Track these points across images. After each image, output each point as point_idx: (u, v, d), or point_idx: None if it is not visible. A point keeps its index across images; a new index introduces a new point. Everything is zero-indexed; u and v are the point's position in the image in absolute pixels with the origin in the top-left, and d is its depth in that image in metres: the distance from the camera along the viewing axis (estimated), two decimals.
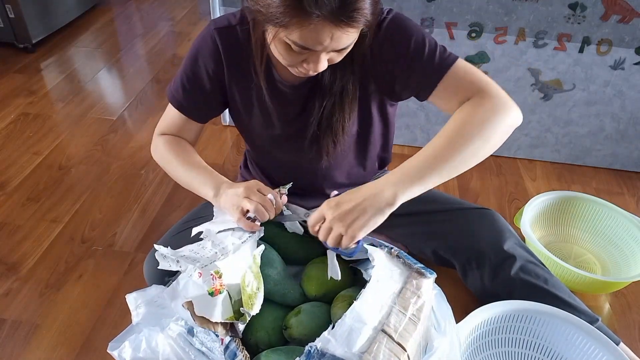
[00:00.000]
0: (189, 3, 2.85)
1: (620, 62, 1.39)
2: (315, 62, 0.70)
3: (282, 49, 0.70)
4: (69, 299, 1.11)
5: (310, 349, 0.59)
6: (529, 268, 0.94)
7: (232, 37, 0.84)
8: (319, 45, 0.66)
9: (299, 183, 1.02)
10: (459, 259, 1.00)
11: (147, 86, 2.02)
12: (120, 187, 1.46)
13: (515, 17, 1.35)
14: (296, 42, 0.66)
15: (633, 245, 1.21)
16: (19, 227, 1.30)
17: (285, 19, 0.63)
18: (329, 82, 0.83)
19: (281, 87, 0.87)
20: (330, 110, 0.85)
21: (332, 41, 0.66)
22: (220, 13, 1.43)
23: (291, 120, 0.91)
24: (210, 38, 0.85)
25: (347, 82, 0.83)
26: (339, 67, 0.81)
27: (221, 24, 0.85)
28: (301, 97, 0.87)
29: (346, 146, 0.94)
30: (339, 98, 0.84)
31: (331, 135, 0.88)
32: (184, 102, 0.92)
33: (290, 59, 0.71)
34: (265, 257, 0.80)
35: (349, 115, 0.86)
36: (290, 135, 0.93)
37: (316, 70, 0.71)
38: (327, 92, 0.84)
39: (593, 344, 0.86)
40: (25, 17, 2.05)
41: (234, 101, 0.92)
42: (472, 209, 1.00)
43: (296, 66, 0.73)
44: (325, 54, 0.70)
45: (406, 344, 0.61)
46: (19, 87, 1.94)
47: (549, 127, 1.56)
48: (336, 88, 0.83)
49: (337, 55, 0.72)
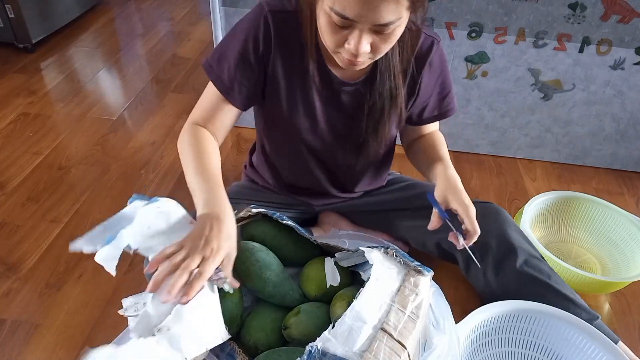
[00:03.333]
0: (189, 3, 2.85)
1: (620, 62, 1.39)
2: (357, 40, 0.68)
3: (325, 24, 0.70)
4: (69, 299, 1.11)
5: (311, 349, 0.59)
6: (533, 262, 0.95)
7: (287, 22, 0.80)
8: (357, 14, 0.65)
9: (314, 182, 1.03)
10: (461, 252, 1.01)
11: (147, 86, 2.02)
12: (120, 187, 1.46)
13: (515, 17, 1.35)
14: (335, 9, 0.65)
15: (633, 245, 1.21)
16: (19, 227, 1.30)
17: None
18: (379, 86, 0.84)
19: (331, 80, 0.86)
20: (380, 116, 0.87)
21: (370, 11, 0.64)
22: (220, 13, 1.43)
23: (336, 119, 0.91)
24: (264, 19, 0.80)
25: (394, 89, 0.85)
26: (388, 73, 0.83)
27: (275, 7, 0.80)
28: (350, 96, 0.88)
29: (383, 149, 0.98)
30: (388, 103, 0.86)
31: (376, 139, 0.91)
32: (227, 82, 0.84)
33: (334, 37, 0.70)
34: (263, 260, 0.81)
35: (398, 122, 0.92)
36: (333, 133, 0.94)
37: (357, 51, 0.69)
38: (377, 96, 0.85)
39: (592, 344, 0.87)
40: (25, 17, 2.05)
41: (276, 91, 0.87)
42: (476, 203, 1.01)
43: (340, 50, 0.72)
44: (367, 33, 0.68)
45: (406, 341, 0.61)
46: (19, 87, 1.94)
47: (549, 127, 1.56)
48: (386, 92, 0.85)
49: (380, 41, 0.70)
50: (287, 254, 0.88)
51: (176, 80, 2.07)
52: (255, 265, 0.79)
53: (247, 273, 0.79)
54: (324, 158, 0.99)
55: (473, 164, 1.63)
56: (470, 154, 1.67)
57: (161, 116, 1.80)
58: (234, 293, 0.78)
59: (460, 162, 1.63)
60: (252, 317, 0.79)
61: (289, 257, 0.88)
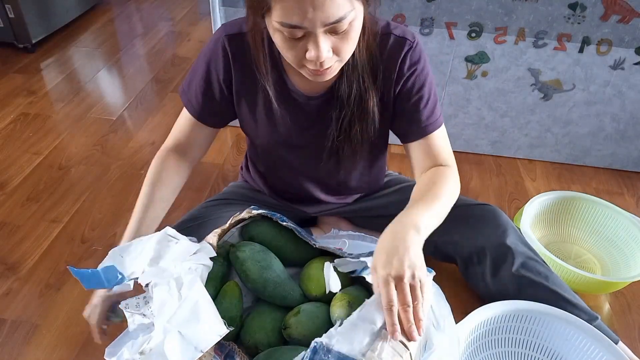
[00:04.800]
0: (189, 3, 2.85)
1: (620, 62, 1.39)
2: (315, 47, 0.65)
3: (280, 42, 0.69)
4: (69, 299, 1.11)
5: (316, 344, 0.59)
6: (530, 264, 0.94)
7: (243, 44, 0.83)
8: (305, 18, 0.62)
9: (304, 191, 1.03)
10: (460, 254, 1.01)
11: (147, 86, 2.02)
12: (120, 187, 1.46)
13: (515, 17, 1.35)
14: (282, 21, 0.63)
15: (633, 245, 1.21)
16: (19, 227, 1.30)
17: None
18: (346, 93, 0.82)
19: (295, 96, 0.86)
20: (349, 122, 0.85)
21: (316, 10, 0.62)
22: (220, 13, 1.43)
23: (305, 130, 0.90)
24: (221, 44, 0.83)
25: (364, 92, 0.82)
26: (354, 78, 0.80)
27: (232, 31, 0.83)
28: (316, 107, 0.87)
29: (364, 153, 0.94)
30: (357, 109, 0.83)
31: (351, 146, 0.88)
32: (197, 106, 0.90)
33: (293, 52, 0.69)
34: (264, 261, 0.81)
35: (371, 126, 0.86)
36: (306, 145, 0.93)
37: (320, 57, 0.66)
38: (344, 102, 0.83)
39: (592, 344, 0.87)
40: (25, 17, 2.05)
41: (244, 110, 0.91)
42: (475, 205, 1.01)
43: (304, 63, 0.70)
44: (324, 37, 0.66)
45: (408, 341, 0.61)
46: (18, 87, 1.94)
47: (548, 127, 1.56)
48: (353, 98, 0.82)
49: (339, 41, 0.68)
50: (287, 254, 0.88)
51: (176, 80, 2.07)
52: (256, 266, 0.79)
53: (248, 274, 0.79)
54: (304, 169, 0.99)
55: (473, 164, 1.63)
56: (470, 154, 1.67)
57: (161, 116, 1.81)
58: (234, 293, 0.79)
59: (460, 162, 1.62)
60: (252, 317, 0.79)
61: (289, 257, 0.88)
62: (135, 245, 0.75)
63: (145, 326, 0.68)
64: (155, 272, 0.70)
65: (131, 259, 0.74)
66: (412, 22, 1.39)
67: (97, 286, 0.71)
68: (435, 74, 1.49)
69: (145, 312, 0.68)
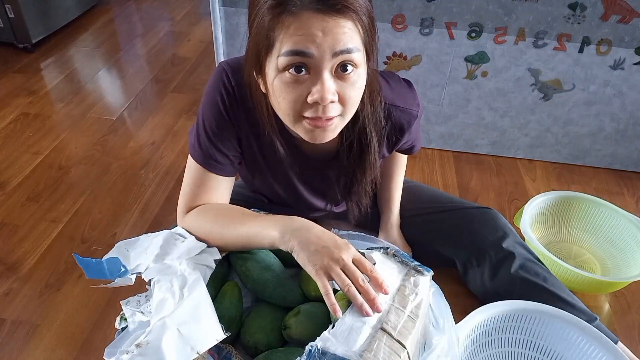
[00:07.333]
0: (189, 3, 2.85)
1: (620, 62, 1.39)
2: (320, 84, 0.61)
3: (280, 87, 0.63)
4: (69, 299, 1.11)
5: (311, 348, 0.59)
6: (529, 266, 0.95)
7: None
8: (314, 43, 0.59)
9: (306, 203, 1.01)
10: (460, 257, 1.01)
11: (146, 86, 2.02)
12: (120, 187, 1.46)
13: (515, 17, 1.35)
14: (290, 49, 0.60)
15: (633, 245, 1.21)
16: (18, 227, 1.30)
17: (271, 23, 0.60)
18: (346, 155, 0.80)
19: (308, 164, 0.86)
20: (351, 182, 0.84)
21: (326, 35, 0.59)
22: (220, 13, 1.43)
23: (310, 184, 0.91)
24: (226, 78, 0.76)
25: (367, 155, 0.80)
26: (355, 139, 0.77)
27: (234, 64, 0.76)
28: (321, 166, 0.87)
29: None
30: (361, 172, 0.82)
31: (355, 200, 0.88)
32: (212, 159, 0.79)
33: (293, 95, 0.63)
34: (263, 261, 0.81)
35: (370, 179, 0.85)
36: (310, 193, 0.93)
37: (324, 97, 0.61)
38: (346, 165, 0.82)
39: (592, 344, 0.86)
40: (25, 17, 2.05)
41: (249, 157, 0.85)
42: (474, 208, 1.01)
43: (304, 112, 0.65)
44: (329, 76, 0.62)
45: (406, 341, 0.61)
46: (18, 87, 1.94)
47: (548, 127, 1.56)
48: (354, 159, 0.81)
49: (344, 87, 0.64)
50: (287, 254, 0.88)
51: (176, 80, 2.07)
52: (256, 267, 0.79)
53: (248, 274, 0.79)
54: (306, 201, 0.98)
55: (473, 164, 1.63)
56: (470, 154, 1.67)
57: (161, 116, 1.81)
58: (234, 293, 0.79)
59: (460, 162, 1.63)
60: (252, 317, 0.79)
61: (289, 257, 0.88)
62: (142, 241, 0.75)
63: (145, 324, 0.68)
64: (159, 268, 0.70)
65: (136, 254, 0.74)
66: (412, 22, 1.39)
67: (98, 276, 0.71)
68: (435, 74, 1.49)
69: (144, 309, 0.69)
